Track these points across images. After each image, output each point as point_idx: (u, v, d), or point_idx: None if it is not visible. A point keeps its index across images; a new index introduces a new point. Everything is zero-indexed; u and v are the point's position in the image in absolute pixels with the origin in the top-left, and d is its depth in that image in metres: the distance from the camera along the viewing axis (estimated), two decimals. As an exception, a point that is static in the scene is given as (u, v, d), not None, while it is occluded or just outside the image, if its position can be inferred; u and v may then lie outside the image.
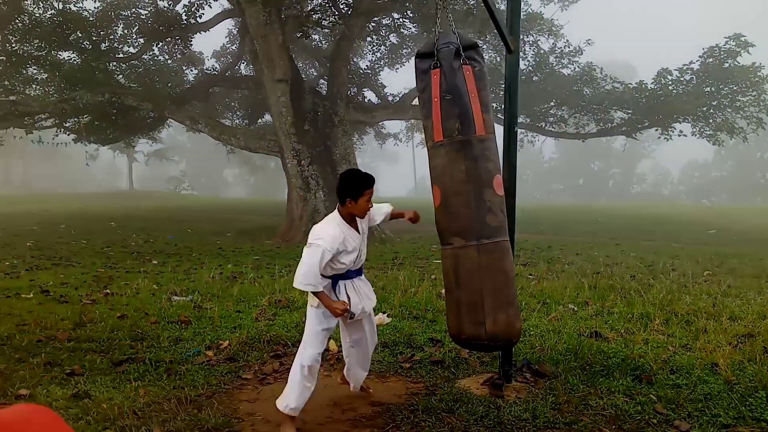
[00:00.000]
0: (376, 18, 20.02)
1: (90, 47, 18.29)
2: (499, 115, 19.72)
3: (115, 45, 19.62)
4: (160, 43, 19.88)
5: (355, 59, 24.37)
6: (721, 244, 16.50)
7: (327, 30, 20.20)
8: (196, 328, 5.22)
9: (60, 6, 17.51)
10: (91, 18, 18.26)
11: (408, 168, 69.84)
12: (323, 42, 24.18)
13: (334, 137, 16.94)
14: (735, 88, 18.94)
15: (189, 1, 17.74)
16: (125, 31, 19.64)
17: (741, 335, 4.84)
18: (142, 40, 19.53)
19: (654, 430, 3.16)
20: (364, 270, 3.49)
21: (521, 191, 3.79)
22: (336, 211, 3.34)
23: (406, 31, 21.93)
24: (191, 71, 23.58)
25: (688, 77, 19.50)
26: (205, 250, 13.03)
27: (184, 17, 18.31)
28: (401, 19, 20.29)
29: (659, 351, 4.39)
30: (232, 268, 9.75)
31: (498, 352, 3.85)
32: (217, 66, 24.70)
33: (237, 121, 25.46)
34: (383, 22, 21.08)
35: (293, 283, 3.19)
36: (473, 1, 16.30)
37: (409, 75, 21.21)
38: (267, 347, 4.67)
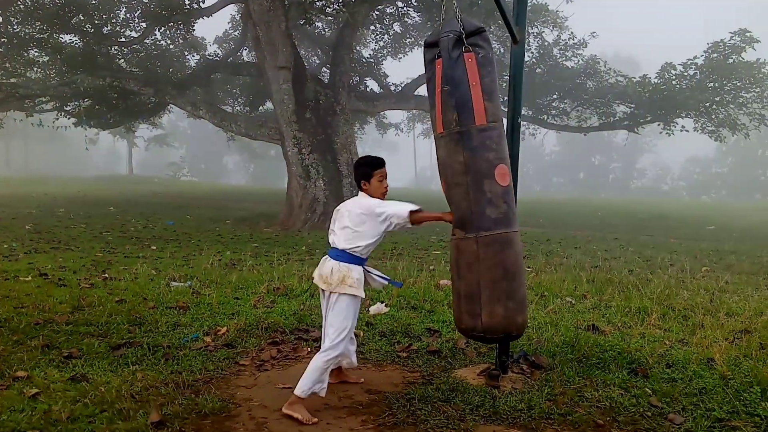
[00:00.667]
0: (380, 6, 19.87)
1: (92, 31, 18.15)
2: (503, 107, 19.64)
3: (117, 29, 19.47)
4: (162, 28, 19.71)
5: (358, 48, 24.22)
6: (720, 240, 16.51)
7: (330, 17, 20.08)
8: (194, 313, 5.23)
9: (62, -12, 17.36)
10: (94, 1, 18.11)
11: (409, 158, 69.74)
12: (326, 30, 24.03)
13: (335, 126, 16.89)
14: (738, 84, 18.86)
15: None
16: (127, 15, 19.49)
17: (737, 331, 4.85)
18: (144, 24, 19.39)
19: (648, 422, 3.17)
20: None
21: (522, 184, 3.78)
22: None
23: (410, 20, 21.79)
24: (193, 57, 23.44)
25: (692, 72, 19.42)
26: (204, 236, 13.04)
27: (186, 2, 18.15)
28: (405, 8, 20.14)
29: (655, 345, 4.40)
30: (230, 254, 9.76)
31: (495, 343, 3.87)
32: (219, 52, 24.57)
33: (238, 108, 25.35)
34: (387, 10, 20.93)
35: (408, 208, 3.17)
36: (478, -9, 16.19)
37: (412, 65, 21.09)
38: (265, 334, 4.68)
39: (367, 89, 23.85)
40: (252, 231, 14.93)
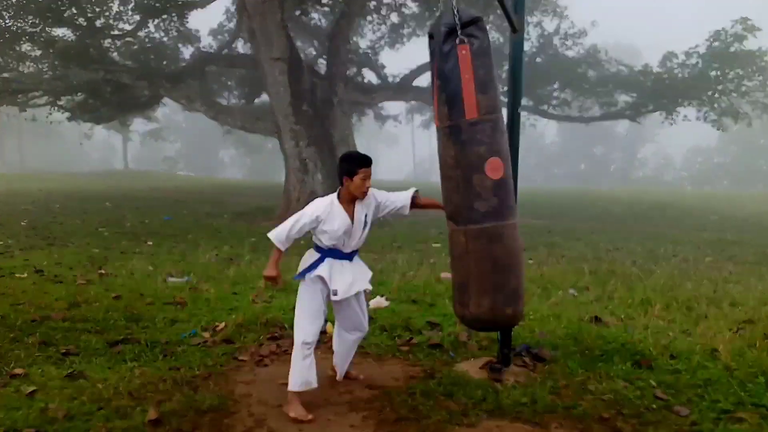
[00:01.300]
0: (376, -4, 19.73)
1: (85, 24, 17.97)
2: (503, 98, 19.52)
3: (111, 22, 19.26)
4: (155, 20, 19.52)
5: (355, 38, 24.00)
6: (723, 230, 16.47)
7: (326, 8, 19.88)
8: (192, 309, 5.19)
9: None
10: (86, -6, 17.94)
11: (408, 150, 69.55)
12: (322, 20, 23.79)
13: (332, 118, 16.78)
14: (741, 72, 18.71)
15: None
16: (120, 8, 19.27)
17: (741, 321, 4.82)
18: (137, 17, 19.20)
19: (653, 415, 3.13)
20: (358, 254, 3.50)
21: (522, 175, 3.72)
22: (337, 191, 3.38)
23: (407, 11, 21.60)
24: (187, 49, 23.20)
25: (693, 61, 19.29)
26: (201, 231, 12.97)
27: (180, -6, 17.99)
28: (403, -2, 20.00)
29: (659, 336, 4.36)
30: (228, 249, 9.70)
31: (497, 336, 3.83)
32: (214, 44, 24.31)
33: (234, 101, 25.16)
34: (384, 0, 20.75)
35: (269, 233, 3.33)
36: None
37: (410, 55, 20.95)
38: (263, 329, 4.64)
39: (365, 81, 23.66)
40: (250, 225, 14.86)
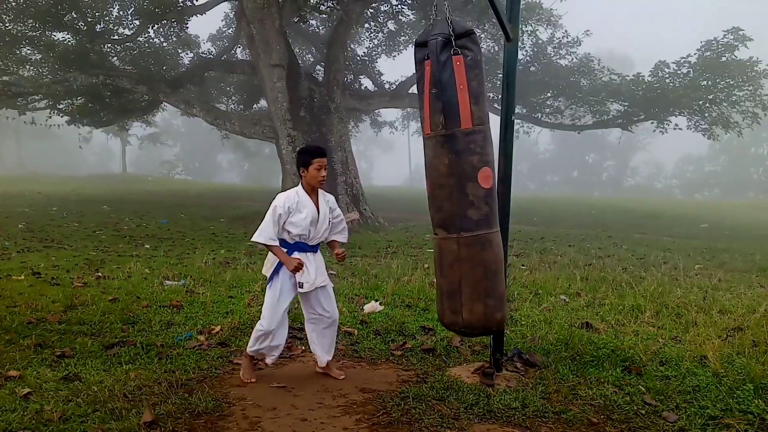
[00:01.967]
0: (374, 4, 19.83)
1: (85, 28, 18.00)
2: (496, 105, 19.64)
3: (110, 26, 19.31)
4: (155, 26, 19.57)
5: (353, 46, 24.15)
6: (713, 238, 16.59)
7: (325, 15, 19.99)
8: (187, 312, 5.21)
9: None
10: (86, -2, 17.98)
11: (403, 157, 69.62)
12: (320, 27, 23.94)
13: (329, 124, 16.84)
14: (732, 82, 18.91)
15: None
16: (120, 13, 19.34)
17: (730, 328, 4.88)
18: (137, 21, 19.24)
19: (642, 420, 3.18)
20: (320, 248, 3.80)
21: (516, 182, 3.79)
22: (299, 185, 3.73)
23: (404, 18, 21.73)
24: (186, 54, 23.29)
25: (685, 70, 19.48)
26: (198, 235, 12.99)
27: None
28: (399, 6, 20.09)
29: (649, 343, 4.42)
30: (225, 253, 9.72)
31: (490, 341, 3.89)
32: (213, 50, 24.44)
33: (232, 106, 25.22)
34: (381, 8, 20.87)
35: (252, 238, 3.59)
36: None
37: (407, 63, 21.07)
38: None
39: (362, 87, 23.79)
40: (246, 229, 14.86)
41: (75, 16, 17.61)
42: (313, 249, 3.71)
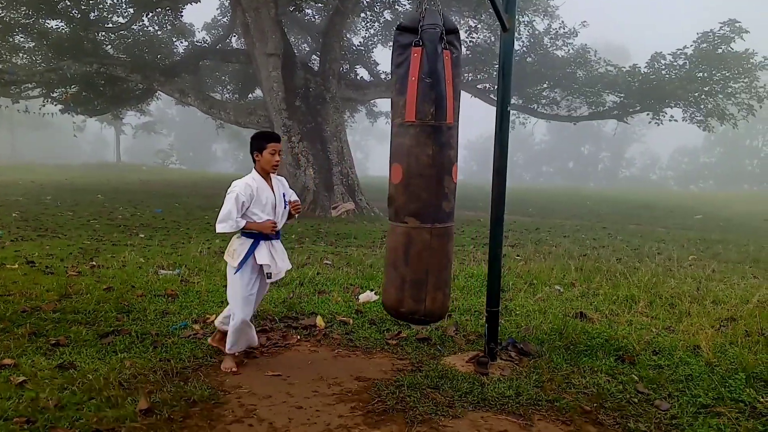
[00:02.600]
0: (370, -7, 19.72)
1: (78, 16, 17.84)
2: (492, 96, 19.58)
3: (105, 14, 19.15)
4: (150, 14, 19.42)
5: (349, 35, 24.03)
6: (707, 229, 16.68)
7: (320, 4, 19.85)
8: (183, 301, 5.21)
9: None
10: (80, -15, 17.81)
11: (399, 147, 69.31)
12: (316, 17, 23.78)
13: (325, 114, 16.79)
14: (727, 74, 18.94)
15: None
16: (115, 1, 19.18)
17: (723, 319, 4.92)
18: (131, 9, 19.09)
19: (634, 408, 3.21)
20: (281, 236, 3.88)
21: (511, 173, 3.78)
22: (252, 171, 3.78)
23: (400, 8, 21.61)
24: (181, 43, 23.12)
25: (681, 62, 19.48)
26: (193, 224, 12.94)
27: (174, -13, 17.88)
28: (396, -5, 20.00)
29: (642, 332, 4.45)
30: (219, 243, 9.70)
31: (484, 330, 3.91)
32: (208, 38, 24.25)
33: (227, 96, 25.10)
34: (378, -3, 20.76)
35: (216, 230, 3.65)
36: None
37: (403, 53, 20.96)
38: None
39: (358, 77, 23.69)
40: (241, 219, 14.81)
41: (68, 3, 17.46)
42: (277, 236, 3.78)
